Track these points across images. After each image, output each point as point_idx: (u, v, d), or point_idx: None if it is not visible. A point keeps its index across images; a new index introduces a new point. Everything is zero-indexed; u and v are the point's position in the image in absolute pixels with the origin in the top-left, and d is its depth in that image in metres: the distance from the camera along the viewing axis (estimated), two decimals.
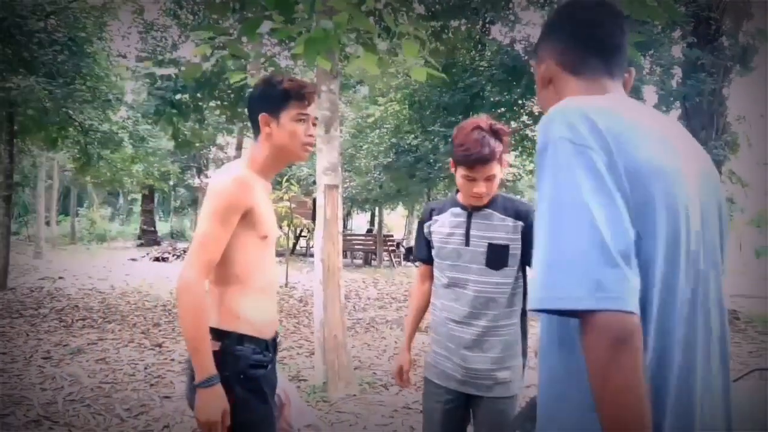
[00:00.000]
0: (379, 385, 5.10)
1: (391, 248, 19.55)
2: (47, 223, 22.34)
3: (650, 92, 10.33)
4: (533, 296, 0.89)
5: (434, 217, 2.26)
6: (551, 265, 0.87)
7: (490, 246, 2.08)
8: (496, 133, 2.04)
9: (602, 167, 0.89)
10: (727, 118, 10.42)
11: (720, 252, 1.06)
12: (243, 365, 1.75)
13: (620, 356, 0.80)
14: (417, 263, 2.40)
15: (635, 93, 10.08)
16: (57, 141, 11.87)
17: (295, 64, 9.41)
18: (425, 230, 2.29)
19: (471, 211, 2.14)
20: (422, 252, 2.33)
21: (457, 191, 2.21)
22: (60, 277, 12.12)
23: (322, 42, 2.21)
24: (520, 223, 2.07)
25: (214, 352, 1.68)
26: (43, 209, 19.91)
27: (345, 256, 18.65)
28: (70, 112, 10.27)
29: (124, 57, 12.61)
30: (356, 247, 20.17)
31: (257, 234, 1.80)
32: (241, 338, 1.76)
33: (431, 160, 12.65)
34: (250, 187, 1.77)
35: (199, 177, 21.07)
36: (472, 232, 2.12)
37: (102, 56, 10.98)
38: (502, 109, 11.96)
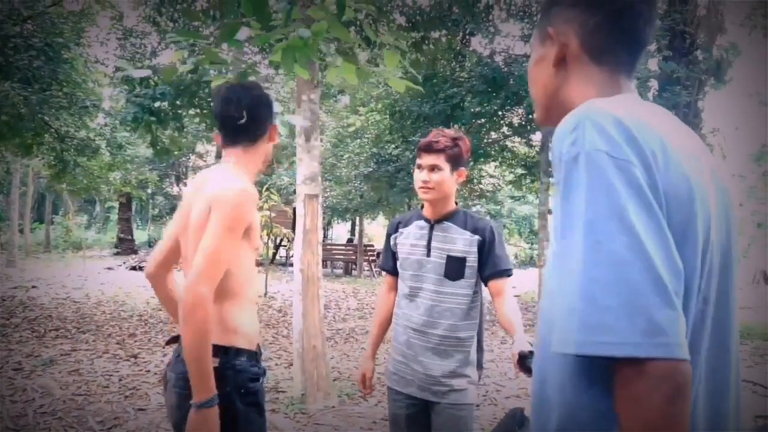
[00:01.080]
0: (358, 396, 5.06)
1: (371, 258, 19.51)
2: (21, 231, 21.92)
3: None
4: (568, 337, 0.76)
5: (400, 230, 2.40)
6: (595, 302, 0.74)
7: (449, 257, 2.21)
8: (453, 139, 2.22)
9: (645, 185, 0.77)
10: (702, 131, 10.61)
11: (733, 269, 0.95)
12: (243, 379, 1.71)
13: (675, 408, 0.72)
14: (383, 274, 2.52)
15: None
16: (32, 147, 11.65)
17: (276, 72, 9.38)
18: (391, 242, 2.42)
19: (433, 223, 2.27)
20: (388, 263, 2.46)
21: (422, 206, 2.36)
22: (33, 286, 11.88)
23: (299, 50, 2.21)
24: (477, 237, 2.20)
25: (214, 368, 1.63)
26: (17, 216, 19.54)
27: (325, 266, 18.58)
28: (46, 118, 10.09)
29: (103, 63, 12.44)
30: (336, 256, 20.10)
31: (251, 245, 1.78)
32: (239, 352, 1.73)
33: (412, 170, 12.61)
34: (255, 199, 1.75)
35: (177, 185, 20.87)
36: (433, 244, 2.25)
37: (79, 62, 10.83)
38: (482, 120, 12.04)
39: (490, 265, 2.19)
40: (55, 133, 10.92)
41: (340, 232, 33.14)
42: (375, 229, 34.88)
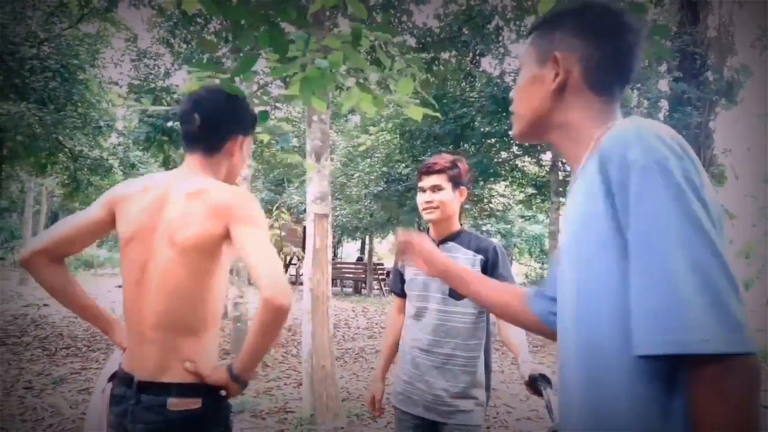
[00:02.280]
0: (368, 417, 5.02)
1: (381, 277, 19.48)
2: None
3: None
4: (655, 339, 0.79)
5: None
6: (682, 303, 0.77)
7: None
8: (452, 161, 2.29)
9: (705, 195, 0.83)
10: (713, 151, 10.58)
11: None
12: (227, 415, 1.56)
13: (756, 398, 0.77)
14: (393, 296, 2.55)
15: None
16: (46, 167, 11.83)
17: (287, 100, 9.47)
18: (399, 264, 2.45)
19: (438, 244, 2.30)
20: (397, 285, 2.48)
21: (428, 230, 2.39)
22: (45, 305, 11.95)
23: (317, 81, 2.23)
24: (480, 257, 2.23)
25: (196, 411, 1.46)
26: (30, 235, 19.70)
27: (335, 284, 18.56)
28: (61, 138, 10.25)
29: (117, 84, 12.64)
30: (346, 275, 20.09)
31: (228, 264, 1.61)
32: (221, 388, 1.53)
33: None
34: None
35: None
36: None
37: (94, 83, 11.02)
38: (492, 140, 12.08)
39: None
40: (69, 152, 11.07)
41: (350, 250, 33.14)
42: (385, 248, 34.86)
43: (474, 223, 16.75)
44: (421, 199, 2.30)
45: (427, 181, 2.27)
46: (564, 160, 9.37)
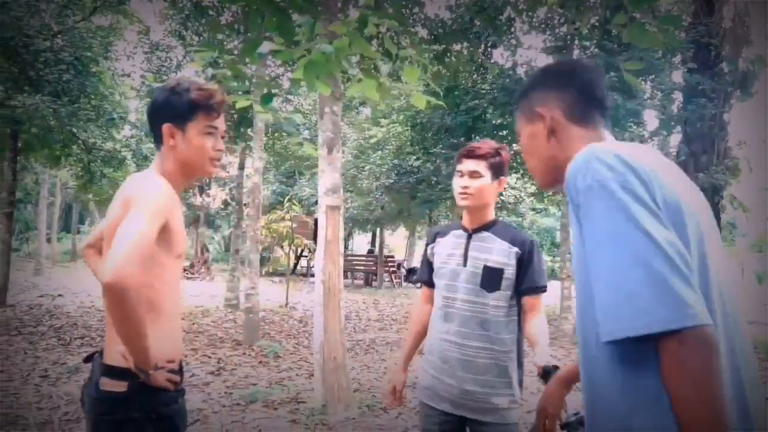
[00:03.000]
0: (379, 408, 5.05)
1: (392, 269, 19.51)
2: (48, 240, 22.36)
3: (651, 117, 10.41)
4: (614, 327, 0.93)
5: (437, 240, 2.34)
6: (631, 293, 0.92)
7: (485, 268, 2.14)
8: (496, 148, 2.20)
9: (648, 200, 0.97)
10: (727, 143, 10.46)
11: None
12: (154, 404, 1.58)
13: (712, 364, 0.89)
14: (419, 285, 2.47)
15: (636, 116, 10.15)
16: (60, 159, 11.94)
17: (299, 85, 9.47)
18: (428, 252, 2.36)
19: (471, 233, 2.21)
20: (424, 274, 2.39)
21: (461, 217, 2.30)
22: (59, 295, 12.09)
23: (322, 66, 2.22)
24: (516, 249, 2.14)
25: (122, 394, 1.53)
26: (45, 226, 19.94)
27: (346, 277, 18.61)
28: (74, 130, 10.33)
29: (129, 76, 12.71)
30: (357, 267, 20.13)
31: (173, 253, 1.63)
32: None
33: (433, 182, 12.68)
34: (169, 196, 1.60)
35: (200, 195, 21.10)
36: (470, 253, 2.18)
37: (107, 75, 11.09)
38: (504, 132, 12.02)
39: (527, 280, 2.12)
40: (83, 144, 11.15)
41: (361, 243, 33.19)
42: (396, 241, 34.88)
43: None
44: (457, 183, 2.20)
45: (467, 166, 2.17)
46: None
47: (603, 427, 1.05)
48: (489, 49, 11.64)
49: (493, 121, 11.54)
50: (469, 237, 2.22)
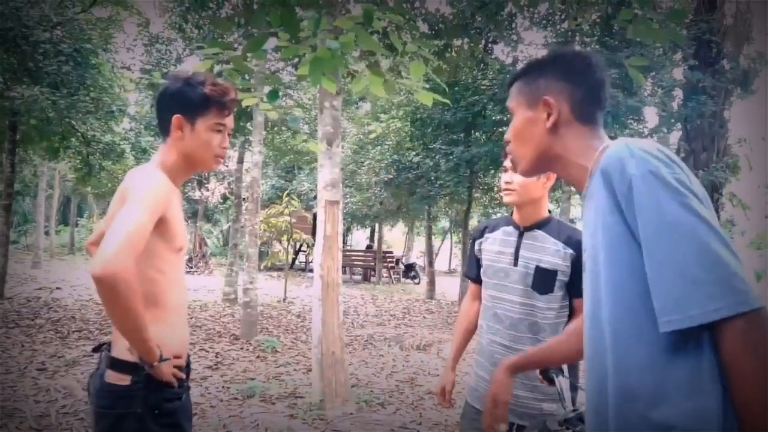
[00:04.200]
0: (377, 403, 5.05)
1: (390, 265, 19.52)
2: (46, 233, 22.32)
3: (651, 113, 10.39)
4: (680, 316, 0.93)
5: (486, 235, 2.23)
6: (698, 281, 0.92)
7: (538, 269, 2.03)
8: None
9: (695, 190, 1.00)
10: (728, 141, 10.45)
11: None
12: (158, 399, 1.58)
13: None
14: (467, 281, 2.37)
15: (636, 113, 10.13)
16: (59, 151, 11.89)
17: (298, 83, 9.46)
18: (476, 248, 2.26)
19: (523, 231, 2.11)
20: (472, 271, 2.30)
21: (512, 212, 2.20)
22: (57, 288, 12.07)
23: (327, 62, 2.20)
24: (571, 251, 2.01)
25: (125, 387, 1.54)
26: (43, 219, 19.90)
27: (344, 272, 18.61)
28: (73, 122, 10.29)
29: (129, 69, 12.65)
30: (355, 263, 20.14)
31: (172, 247, 1.62)
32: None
33: (432, 178, 12.67)
34: (165, 190, 1.59)
35: (199, 189, 21.08)
36: (521, 252, 2.08)
37: (106, 68, 11.03)
38: (504, 128, 11.96)
39: (580, 283, 1.99)
40: (82, 137, 11.12)
41: (360, 238, 33.19)
42: (394, 236, 34.89)
43: (484, 212, 16.71)
44: (502, 179, 2.11)
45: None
46: None
47: (624, 418, 1.04)
48: (490, 45, 11.62)
49: (493, 117, 11.51)
50: (521, 235, 2.11)
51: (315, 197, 7.39)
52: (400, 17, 2.54)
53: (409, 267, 20.96)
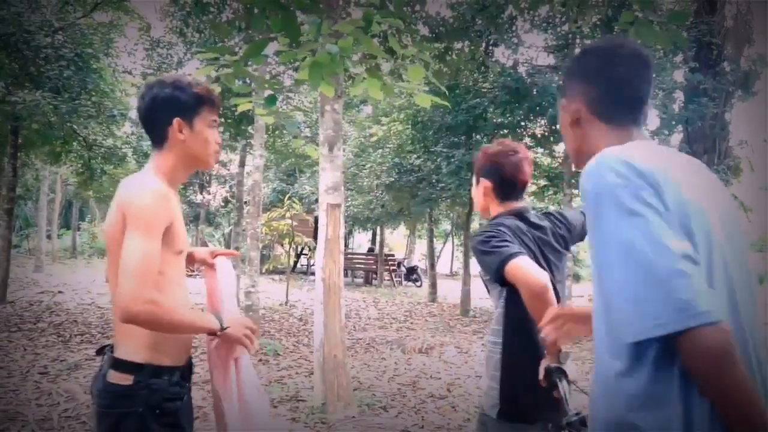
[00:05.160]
0: (379, 407, 5.05)
1: (392, 268, 19.50)
2: (48, 237, 22.36)
3: (652, 116, 10.38)
4: (630, 330, 0.97)
5: None
6: (640, 299, 0.95)
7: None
8: (482, 150, 2.17)
9: (657, 203, 0.99)
10: (729, 143, 10.45)
11: (747, 278, 1.13)
12: (159, 399, 1.61)
13: (726, 360, 0.90)
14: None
15: None
16: (61, 155, 11.93)
17: (299, 87, 9.47)
18: None
19: None
20: None
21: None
22: (59, 291, 12.09)
23: (326, 66, 2.21)
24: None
25: (127, 387, 1.58)
26: (45, 223, 19.94)
27: (346, 275, 18.57)
28: (75, 126, 10.32)
29: (130, 73, 12.68)
30: (357, 266, 20.13)
31: (173, 250, 1.67)
32: (157, 370, 1.62)
33: (434, 180, 12.67)
34: (166, 197, 1.63)
35: (201, 193, 21.10)
36: None
37: (108, 72, 11.07)
38: (505, 131, 11.99)
39: (487, 272, 1.98)
40: (83, 141, 11.14)
41: (361, 241, 33.18)
42: (396, 239, 34.86)
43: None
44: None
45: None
46: None
47: (605, 423, 1.07)
48: (490, 48, 11.62)
49: (494, 120, 11.51)
50: None
51: (316, 200, 7.39)
52: (399, 21, 2.54)
53: (411, 270, 20.94)
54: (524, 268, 1.84)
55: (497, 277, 1.90)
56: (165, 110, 1.71)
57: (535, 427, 1.97)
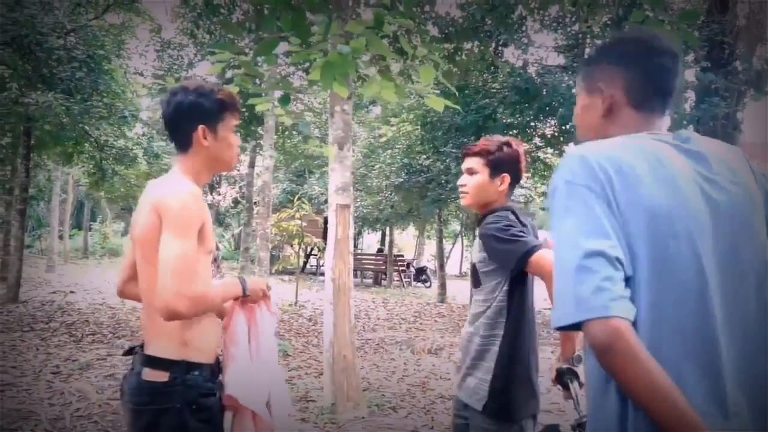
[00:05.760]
0: (388, 407, 5.04)
1: (401, 268, 19.48)
2: (60, 237, 22.52)
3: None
4: (553, 317, 1.05)
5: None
6: (557, 291, 1.03)
7: (472, 265, 2.18)
8: (499, 143, 2.14)
9: (594, 201, 1.04)
10: (741, 143, 10.36)
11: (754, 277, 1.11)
12: (195, 395, 1.65)
13: (620, 354, 0.95)
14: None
15: None
16: (73, 156, 12.03)
17: (309, 87, 9.50)
18: None
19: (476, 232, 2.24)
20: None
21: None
22: (71, 291, 12.17)
23: (338, 67, 2.21)
24: (481, 241, 2.07)
25: (163, 383, 1.62)
26: (57, 223, 20.09)
27: (355, 276, 18.59)
28: (87, 128, 10.40)
29: (141, 74, 12.78)
30: (366, 266, 20.12)
31: (204, 249, 1.72)
32: (191, 366, 1.67)
33: (443, 181, 12.65)
34: (199, 198, 1.69)
35: (210, 194, 21.19)
36: (472, 254, 2.24)
37: (119, 73, 11.15)
38: (514, 131, 11.96)
39: (504, 262, 1.98)
40: (95, 142, 11.23)
41: (371, 241, 33.19)
42: (405, 240, 34.85)
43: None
44: (459, 182, 2.22)
45: (465, 164, 2.18)
46: None
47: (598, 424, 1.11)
48: (500, 48, 11.59)
49: (504, 121, 11.48)
50: (474, 237, 2.28)
51: (326, 201, 7.41)
52: (410, 21, 2.54)
53: (420, 270, 20.92)
54: (552, 260, 1.82)
55: (519, 265, 1.91)
56: (189, 117, 1.75)
57: (516, 425, 1.95)
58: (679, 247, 1.04)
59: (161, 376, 1.63)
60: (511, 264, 1.93)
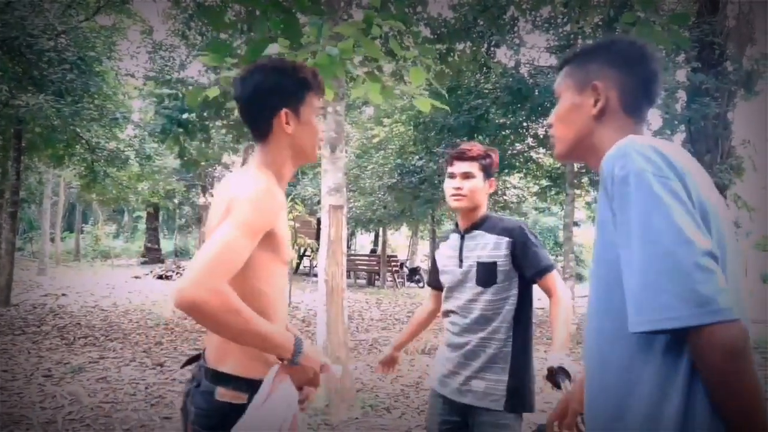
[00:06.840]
0: (382, 408, 5.04)
1: (394, 269, 19.49)
2: (52, 240, 22.40)
3: (655, 116, 10.38)
4: (641, 319, 0.95)
5: (440, 245, 2.43)
6: (657, 288, 0.93)
7: (479, 264, 2.18)
8: (485, 151, 2.25)
9: (684, 196, 0.98)
10: (731, 142, 10.44)
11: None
12: None
13: (740, 360, 0.89)
14: (421, 285, 2.60)
15: None
16: (64, 158, 11.96)
17: None
18: (435, 257, 2.46)
19: (464, 233, 2.27)
20: (432, 279, 2.52)
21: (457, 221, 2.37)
22: (63, 294, 12.11)
23: (327, 68, 2.21)
24: (506, 239, 2.15)
25: (242, 406, 1.38)
26: (48, 226, 19.98)
27: (348, 276, 18.59)
28: (78, 130, 10.36)
29: (133, 76, 12.73)
30: (360, 267, 20.12)
31: (281, 258, 1.49)
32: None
33: (436, 181, 12.68)
34: (277, 200, 1.44)
35: (204, 195, 21.14)
36: (464, 254, 2.24)
37: (110, 75, 11.10)
38: (507, 131, 12.01)
39: (530, 265, 2.12)
40: (86, 144, 11.18)
41: (364, 242, 33.18)
42: (398, 240, 34.86)
43: None
44: (449, 185, 2.23)
45: (459, 167, 2.21)
46: None
47: (601, 414, 1.08)
48: (492, 49, 11.62)
49: (496, 121, 11.53)
50: (462, 238, 2.28)
51: (319, 202, 7.40)
52: (401, 23, 2.55)
53: (414, 271, 20.94)
54: (560, 279, 2.16)
55: (542, 272, 2.11)
56: (269, 100, 1.51)
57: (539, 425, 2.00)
58: (725, 248, 1.04)
59: (239, 398, 1.40)
60: (536, 269, 2.10)
